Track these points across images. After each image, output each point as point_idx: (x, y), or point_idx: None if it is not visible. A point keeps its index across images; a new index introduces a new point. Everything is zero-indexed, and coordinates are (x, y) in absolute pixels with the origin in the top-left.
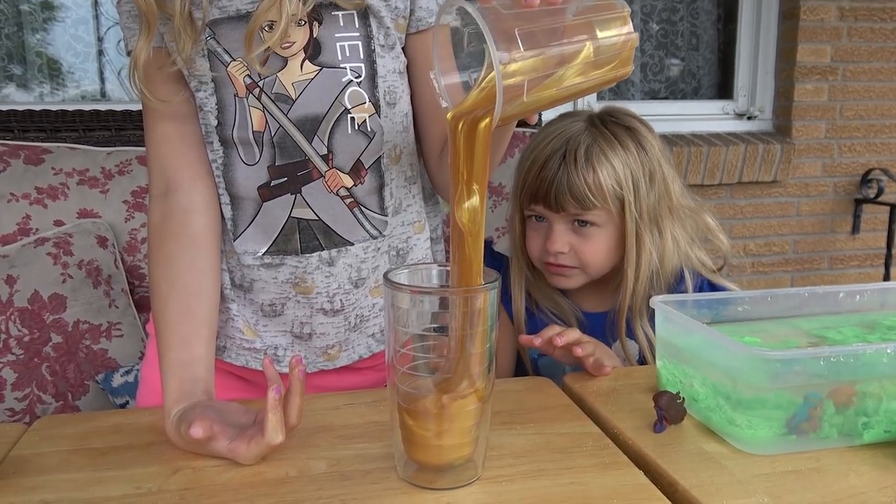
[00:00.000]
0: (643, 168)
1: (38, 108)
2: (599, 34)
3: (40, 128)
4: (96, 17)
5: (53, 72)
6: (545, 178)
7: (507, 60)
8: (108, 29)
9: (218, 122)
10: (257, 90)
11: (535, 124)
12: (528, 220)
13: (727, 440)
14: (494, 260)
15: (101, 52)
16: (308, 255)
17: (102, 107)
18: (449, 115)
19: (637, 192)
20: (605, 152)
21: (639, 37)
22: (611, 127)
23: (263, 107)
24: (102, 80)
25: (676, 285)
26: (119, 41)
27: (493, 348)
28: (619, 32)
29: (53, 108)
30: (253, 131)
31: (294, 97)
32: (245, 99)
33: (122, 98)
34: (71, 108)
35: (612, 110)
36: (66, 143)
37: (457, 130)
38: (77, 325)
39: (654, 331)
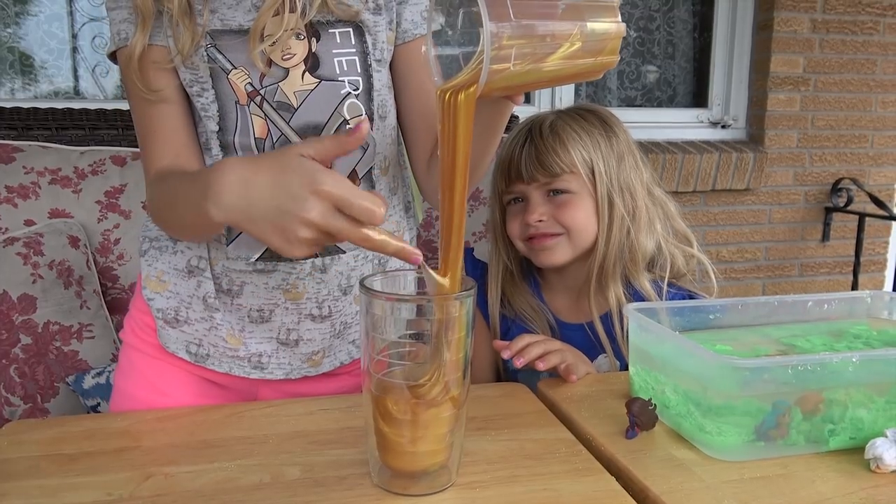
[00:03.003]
0: (609, 142)
1: (9, 105)
2: (589, 20)
3: (11, 125)
4: (71, 13)
5: (26, 67)
6: (513, 153)
7: (494, 30)
8: (83, 25)
9: (219, 128)
10: (259, 98)
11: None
12: (508, 206)
13: (697, 446)
14: (475, 267)
15: (75, 49)
16: (302, 261)
17: (76, 105)
18: (438, 90)
19: (607, 161)
20: (570, 124)
21: (626, 28)
22: (575, 110)
23: (265, 115)
24: (76, 77)
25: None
26: (94, 37)
27: (469, 355)
28: (609, 21)
29: (25, 105)
30: (255, 138)
31: (296, 105)
32: (246, 107)
33: (95, 95)
34: (43, 105)
35: (579, 104)
36: (38, 141)
37: (444, 101)
38: (47, 326)
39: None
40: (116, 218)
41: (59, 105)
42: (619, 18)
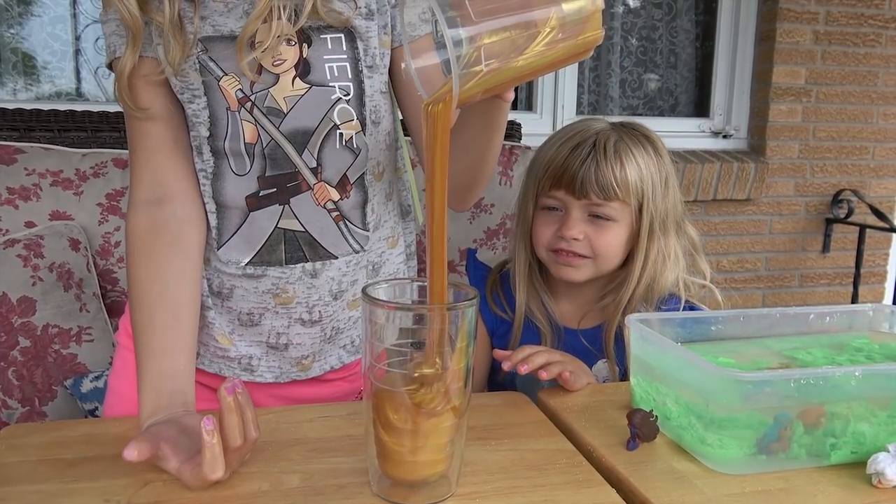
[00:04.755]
0: (660, 173)
1: (11, 106)
2: (563, 1)
3: (13, 127)
4: (74, 15)
5: (28, 68)
6: (572, 164)
7: (457, 35)
8: (86, 27)
9: (210, 134)
10: (249, 104)
11: (515, 127)
12: (541, 210)
13: (699, 459)
14: (477, 269)
15: (78, 52)
16: (292, 266)
17: (78, 107)
18: (423, 104)
19: (655, 193)
20: (632, 150)
21: (603, 1)
22: (634, 132)
23: (255, 120)
24: (79, 79)
25: (663, 306)
26: (97, 39)
27: (471, 365)
28: None
29: (28, 106)
30: (245, 143)
31: (285, 111)
32: (237, 112)
33: (98, 97)
34: (46, 107)
35: (632, 121)
36: (40, 143)
37: (426, 114)
38: (46, 328)
39: None
40: (117, 220)
41: (62, 107)
42: None
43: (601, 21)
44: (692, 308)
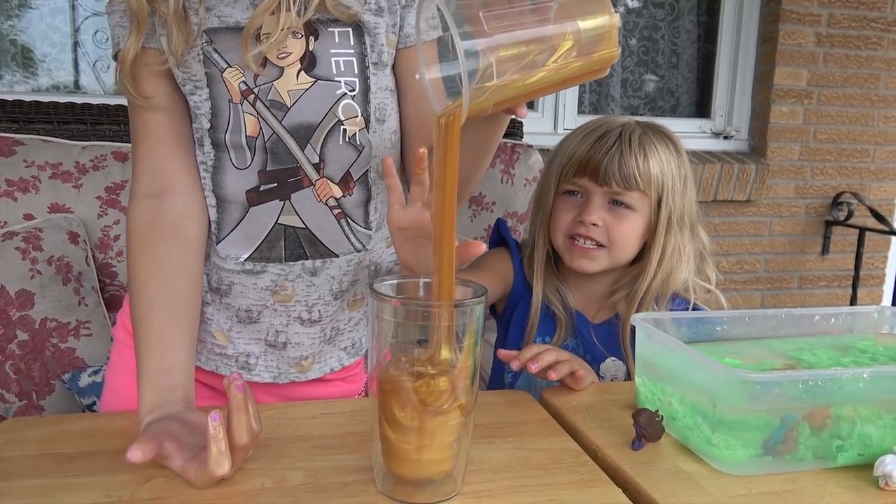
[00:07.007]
0: (680, 171)
1: (10, 98)
2: (579, 18)
3: (13, 118)
4: (73, 7)
5: (27, 60)
6: (597, 152)
7: (470, 48)
8: (85, 19)
9: (211, 126)
10: (252, 97)
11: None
12: (562, 196)
13: (704, 459)
14: (507, 232)
15: (76, 44)
16: (292, 263)
17: (78, 99)
18: (436, 116)
19: (674, 188)
20: (655, 144)
21: (619, 19)
22: (657, 129)
23: (258, 113)
24: (77, 71)
25: (669, 305)
26: (96, 31)
27: (478, 363)
28: (600, 16)
29: (27, 98)
30: (246, 136)
31: (289, 105)
32: (240, 105)
33: (96, 91)
34: (45, 99)
35: (654, 121)
36: (40, 135)
37: (437, 125)
38: (44, 322)
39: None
40: (116, 214)
41: (62, 99)
42: (612, 8)
43: (617, 38)
44: (696, 310)
